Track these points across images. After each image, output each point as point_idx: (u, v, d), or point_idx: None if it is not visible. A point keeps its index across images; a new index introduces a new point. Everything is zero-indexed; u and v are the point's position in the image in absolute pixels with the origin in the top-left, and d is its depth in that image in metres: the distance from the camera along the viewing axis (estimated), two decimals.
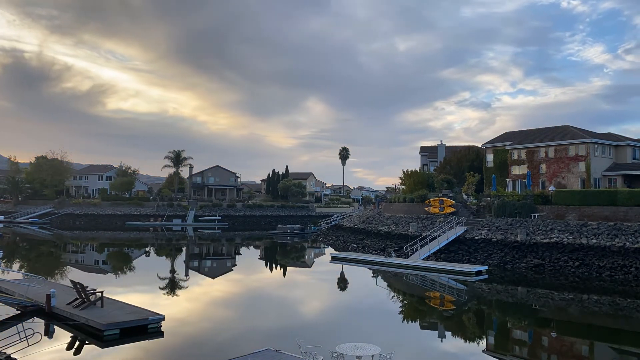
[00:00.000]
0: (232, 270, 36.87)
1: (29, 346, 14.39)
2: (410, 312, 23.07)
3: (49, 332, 16.88)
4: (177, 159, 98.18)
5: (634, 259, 29.31)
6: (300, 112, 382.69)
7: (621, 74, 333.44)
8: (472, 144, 72.43)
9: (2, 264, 33.85)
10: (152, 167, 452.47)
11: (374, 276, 32.54)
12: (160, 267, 38.75)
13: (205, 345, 16.13)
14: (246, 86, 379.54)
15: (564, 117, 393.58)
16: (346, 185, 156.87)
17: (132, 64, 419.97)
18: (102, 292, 18.66)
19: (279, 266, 39.19)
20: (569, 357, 15.74)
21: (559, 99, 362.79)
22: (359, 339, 13.44)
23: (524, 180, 51.70)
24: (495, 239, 35.58)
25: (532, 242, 33.71)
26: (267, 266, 39.78)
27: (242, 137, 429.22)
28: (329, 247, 49.42)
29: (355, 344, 11.61)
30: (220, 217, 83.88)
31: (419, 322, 21.26)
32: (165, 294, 26.00)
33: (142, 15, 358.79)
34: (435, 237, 36.79)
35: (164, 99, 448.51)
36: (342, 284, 30.78)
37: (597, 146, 50.85)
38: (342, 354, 10.99)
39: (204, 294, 26.42)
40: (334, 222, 68.43)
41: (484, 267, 31.64)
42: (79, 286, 18.62)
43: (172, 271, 35.78)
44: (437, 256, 35.63)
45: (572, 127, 55.58)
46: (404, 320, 21.45)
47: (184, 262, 41.67)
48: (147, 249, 50.34)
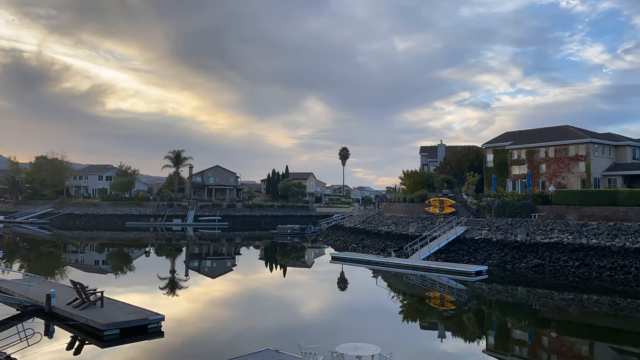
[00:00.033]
0: (232, 270, 36.88)
1: (29, 346, 14.40)
2: (410, 312, 23.08)
3: (49, 332, 16.88)
4: (177, 159, 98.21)
5: (634, 259, 29.32)
6: (299, 112, 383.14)
7: (620, 74, 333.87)
8: (471, 144, 72.50)
9: (2, 264, 33.85)
10: (152, 167, 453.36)
11: (374, 276, 32.55)
12: (160, 267, 38.75)
13: (205, 345, 16.13)
14: (246, 86, 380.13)
15: (564, 117, 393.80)
16: (346, 185, 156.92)
17: (131, 63, 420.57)
18: (102, 292, 18.67)
19: (279, 266, 39.19)
20: (569, 357, 15.74)
21: (558, 99, 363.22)
22: (359, 339, 13.43)
23: (524, 180, 51.71)
24: (495, 239, 35.59)
25: (532, 242, 33.72)
26: (267, 266, 39.78)
27: (242, 137, 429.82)
28: (329, 247, 49.42)
29: (355, 344, 11.61)
30: (220, 217, 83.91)
31: (419, 322, 21.26)
32: (165, 294, 26.01)
33: (141, 15, 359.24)
34: (435, 237, 36.80)
35: (163, 99, 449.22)
36: (342, 284, 30.78)
37: (597, 146, 50.86)
38: (342, 354, 10.99)
39: (204, 294, 26.42)
40: (334, 222, 68.43)
41: (484, 267, 31.65)
42: (79, 286, 18.63)
43: (172, 271, 35.78)
44: (437, 256, 35.63)
45: (572, 127, 55.60)
46: (404, 320, 21.46)
47: (184, 262, 41.67)
48: (147, 249, 50.34)
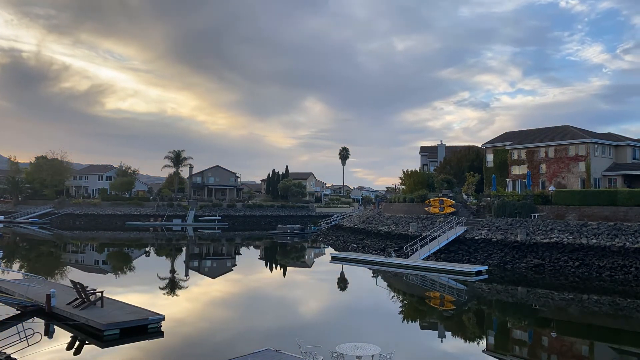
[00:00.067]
0: (232, 270, 36.88)
1: (29, 346, 14.39)
2: (410, 312, 23.08)
3: (49, 332, 16.88)
4: (177, 159, 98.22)
5: (634, 259, 29.32)
6: (299, 112, 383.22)
7: (620, 74, 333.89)
8: (471, 144, 72.51)
9: (2, 264, 33.85)
10: (152, 167, 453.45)
11: (374, 276, 32.55)
12: (160, 267, 38.75)
13: (205, 345, 16.12)
14: (245, 86, 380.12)
15: (563, 117, 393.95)
16: (346, 185, 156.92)
17: (130, 63, 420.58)
18: (102, 292, 18.66)
19: (279, 266, 39.19)
20: (569, 357, 15.74)
21: (557, 99, 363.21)
22: (359, 339, 13.43)
23: (524, 180, 51.71)
24: (495, 239, 35.59)
25: (532, 242, 33.72)
26: (267, 266, 39.78)
27: (241, 137, 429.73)
28: (329, 247, 49.42)
29: (355, 344, 11.61)
30: (220, 217, 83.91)
31: (419, 322, 21.26)
32: (165, 294, 26.00)
33: (140, 14, 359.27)
34: (435, 237, 36.79)
35: (162, 99, 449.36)
36: (342, 284, 30.78)
37: (597, 146, 50.86)
38: (342, 354, 10.99)
39: (204, 294, 26.42)
40: (334, 222, 68.43)
41: (484, 267, 31.65)
42: (79, 286, 18.62)
43: (172, 271, 35.78)
44: (437, 256, 35.63)
45: (572, 127, 55.59)
46: (404, 320, 21.46)
47: (184, 262, 41.67)
48: (147, 249, 50.34)
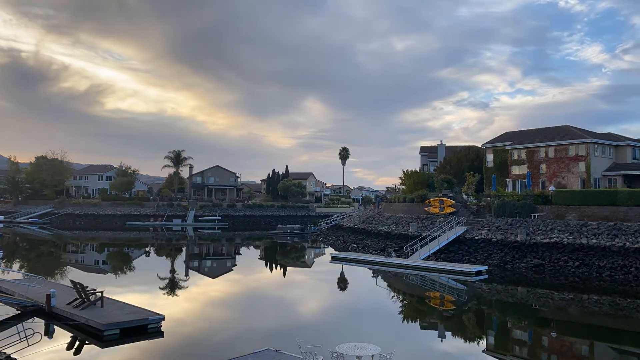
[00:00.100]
0: (232, 270, 36.87)
1: (29, 346, 14.39)
2: (410, 312, 23.07)
3: (49, 332, 16.88)
4: (177, 159, 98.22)
5: (634, 259, 29.32)
6: (298, 112, 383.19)
7: (619, 74, 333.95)
8: (471, 144, 72.51)
9: (2, 264, 33.85)
10: (152, 167, 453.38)
11: (374, 276, 32.54)
12: (160, 267, 38.75)
13: (205, 345, 16.12)
14: (244, 86, 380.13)
15: (563, 117, 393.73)
16: (346, 185, 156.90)
17: (129, 63, 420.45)
18: (102, 292, 18.66)
19: (279, 266, 39.19)
20: (569, 357, 15.74)
21: (557, 99, 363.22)
22: (359, 339, 13.43)
23: (524, 180, 51.71)
24: (495, 239, 35.58)
25: (532, 242, 33.72)
26: (267, 266, 39.78)
27: (241, 137, 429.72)
28: (329, 247, 49.42)
29: (355, 344, 11.60)
30: (220, 217, 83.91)
31: (419, 322, 21.26)
32: (165, 294, 26.00)
33: (139, 14, 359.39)
34: (435, 237, 36.79)
35: (162, 99, 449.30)
36: (342, 284, 30.78)
37: (597, 146, 50.85)
38: (342, 354, 10.98)
39: (203, 294, 26.41)
40: (334, 222, 68.42)
41: (484, 267, 31.65)
42: (79, 286, 18.62)
43: (172, 271, 35.78)
44: (437, 256, 35.63)
45: (572, 127, 55.59)
46: (404, 320, 21.46)
47: (184, 262, 41.67)
48: (147, 249, 50.34)
